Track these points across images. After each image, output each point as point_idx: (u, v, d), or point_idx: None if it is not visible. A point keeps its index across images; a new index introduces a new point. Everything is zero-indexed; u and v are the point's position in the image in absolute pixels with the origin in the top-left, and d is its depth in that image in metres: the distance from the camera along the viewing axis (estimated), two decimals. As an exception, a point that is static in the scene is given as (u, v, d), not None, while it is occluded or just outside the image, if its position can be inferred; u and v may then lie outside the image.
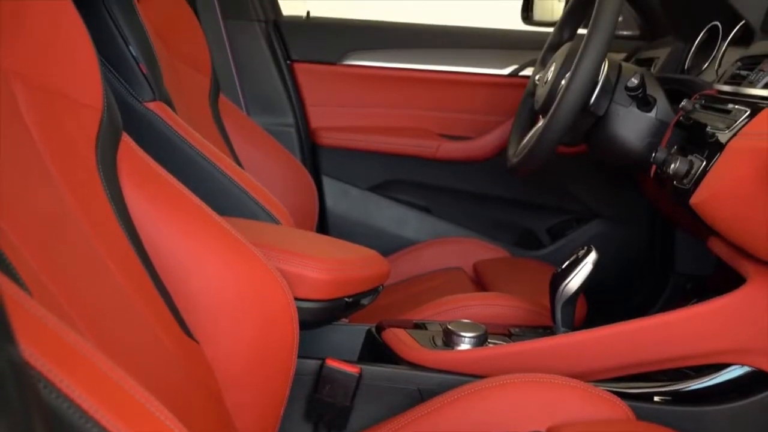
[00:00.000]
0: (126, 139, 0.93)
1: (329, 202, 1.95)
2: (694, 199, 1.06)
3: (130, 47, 1.20)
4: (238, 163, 1.53)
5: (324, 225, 1.94)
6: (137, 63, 1.21)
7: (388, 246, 1.84)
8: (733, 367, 1.08)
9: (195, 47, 1.57)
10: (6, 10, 0.77)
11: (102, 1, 1.18)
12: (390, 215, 1.96)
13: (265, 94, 1.91)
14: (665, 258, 1.70)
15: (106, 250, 0.82)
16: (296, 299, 1.00)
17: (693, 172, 1.08)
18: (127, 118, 0.97)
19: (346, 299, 1.13)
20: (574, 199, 1.97)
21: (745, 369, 1.07)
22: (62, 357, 0.46)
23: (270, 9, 1.98)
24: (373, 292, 1.21)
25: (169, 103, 1.27)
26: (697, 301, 1.13)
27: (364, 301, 1.19)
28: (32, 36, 0.80)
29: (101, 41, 0.95)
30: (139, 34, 1.22)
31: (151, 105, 1.23)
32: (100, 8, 1.18)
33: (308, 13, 2.03)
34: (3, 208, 0.68)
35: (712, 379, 1.09)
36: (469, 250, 1.81)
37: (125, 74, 1.21)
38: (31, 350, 0.44)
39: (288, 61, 1.95)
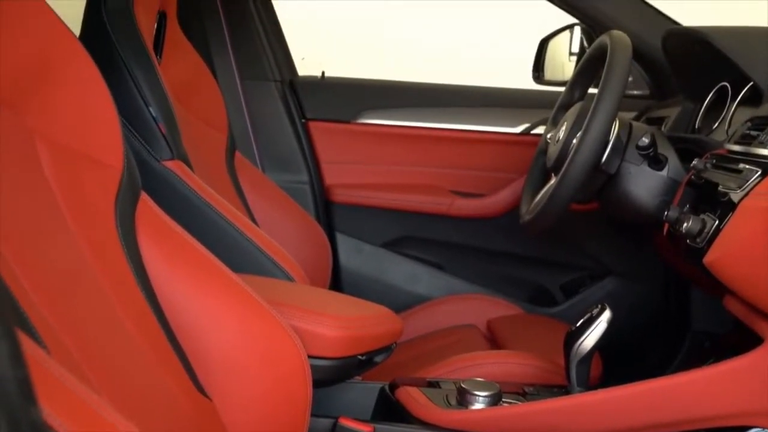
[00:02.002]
0: (144, 198, 0.95)
1: (343, 258, 1.96)
2: (708, 259, 1.06)
3: (150, 108, 1.24)
4: (253, 220, 1.54)
5: (337, 281, 1.95)
6: (156, 123, 1.24)
7: (402, 302, 1.84)
8: (753, 431, 1.06)
9: (212, 106, 1.60)
10: (35, 74, 0.80)
11: (124, 63, 1.22)
12: (403, 272, 1.96)
13: (280, 152, 1.94)
14: (681, 316, 1.69)
15: (123, 307, 0.83)
16: (310, 357, 1.00)
17: (706, 231, 1.08)
18: (146, 176, 0.99)
19: (360, 357, 1.13)
20: (587, 255, 1.96)
21: (766, 432, 1.05)
22: (80, 418, 0.46)
23: (286, 69, 2.02)
24: (387, 349, 1.21)
25: (187, 162, 1.29)
26: (714, 361, 1.12)
27: (378, 359, 1.19)
28: (58, 99, 0.83)
29: (122, 102, 0.98)
30: (158, 95, 1.25)
31: (169, 163, 1.25)
32: (122, 71, 1.22)
33: (323, 73, 2.07)
34: (23, 265, 0.70)
35: (732, 442, 1.07)
36: (483, 307, 1.81)
37: (144, 134, 1.24)
38: (49, 410, 0.45)
39: (303, 120, 1.98)
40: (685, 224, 1.12)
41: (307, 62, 2.26)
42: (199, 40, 1.76)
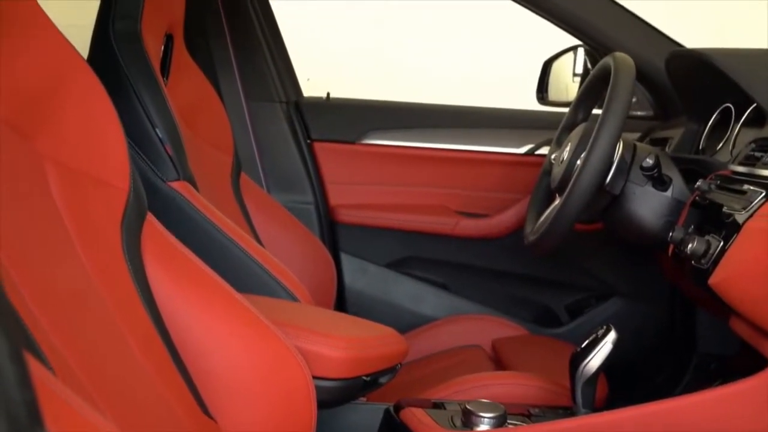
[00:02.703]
0: (150, 219, 0.96)
1: (347, 278, 1.96)
2: (713, 280, 1.06)
3: (157, 129, 1.25)
4: (258, 241, 1.55)
5: (342, 301, 1.94)
6: (163, 144, 1.25)
7: (406, 323, 1.83)
8: (760, 452, 1.05)
9: (218, 128, 1.61)
10: (44, 98, 0.81)
11: (131, 86, 1.23)
12: (408, 292, 1.96)
13: (285, 173, 1.95)
14: (687, 337, 1.68)
15: (128, 328, 0.83)
16: (314, 378, 1.00)
17: (711, 252, 1.08)
18: (152, 197, 1.00)
19: (364, 378, 1.13)
20: (592, 276, 1.96)
21: (774, 454, 1.04)
22: (86, 439, 0.46)
23: (291, 90, 2.03)
24: (392, 370, 1.20)
25: (193, 182, 1.30)
26: (721, 383, 1.12)
27: (383, 380, 1.19)
28: (67, 121, 0.84)
29: (129, 123, 0.99)
30: (165, 116, 1.26)
31: (175, 184, 1.26)
32: (130, 93, 1.23)
33: (328, 94, 2.08)
34: (30, 286, 0.70)
35: (740, 464, 1.06)
36: (488, 327, 1.80)
37: (151, 155, 1.25)
38: (55, 432, 0.45)
39: (308, 141, 1.99)
40: (689, 245, 1.12)
41: (313, 83, 2.27)
42: (205, 62, 1.78)
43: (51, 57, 0.84)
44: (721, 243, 1.07)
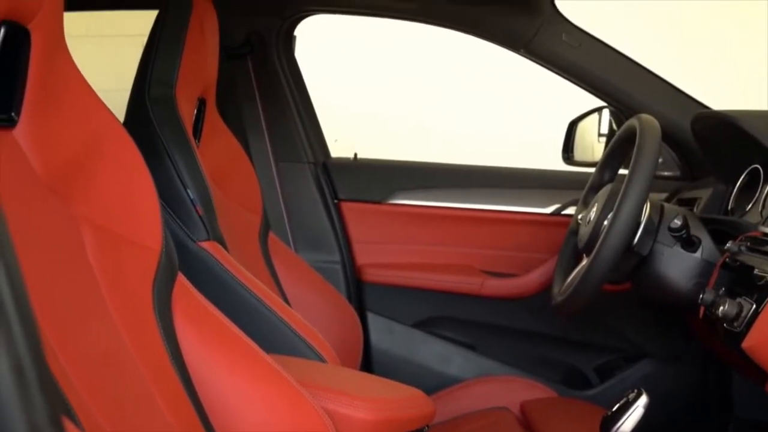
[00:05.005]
0: (181, 279, 0.97)
1: (374, 338, 1.95)
2: (746, 343, 1.04)
3: (188, 190, 1.27)
4: (285, 300, 1.55)
5: (368, 361, 1.93)
6: (194, 205, 1.27)
7: (433, 383, 1.81)
8: None
9: (247, 188, 1.64)
10: (83, 163, 0.83)
11: (165, 148, 1.26)
12: (434, 352, 1.94)
13: (312, 232, 1.96)
14: (723, 401, 1.64)
15: (157, 387, 0.84)
16: (341, 440, 1.00)
17: (743, 315, 1.07)
18: (182, 257, 1.02)
19: (391, 441, 1.12)
20: (621, 337, 1.93)
21: None
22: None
23: (319, 151, 2.07)
24: (418, 433, 1.19)
25: (222, 242, 1.32)
26: (758, 450, 1.08)
27: (409, 443, 1.17)
28: (103, 183, 0.86)
29: (162, 184, 1.01)
30: (197, 178, 1.29)
31: (205, 244, 1.28)
32: (163, 154, 1.26)
33: (355, 155, 2.11)
34: (63, 346, 0.71)
35: None
36: (516, 389, 1.77)
37: (182, 215, 1.27)
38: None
39: (335, 200, 2.01)
40: (721, 308, 1.11)
41: (340, 144, 2.31)
42: (235, 124, 1.82)
43: (87, 119, 0.87)
44: (754, 306, 1.05)
